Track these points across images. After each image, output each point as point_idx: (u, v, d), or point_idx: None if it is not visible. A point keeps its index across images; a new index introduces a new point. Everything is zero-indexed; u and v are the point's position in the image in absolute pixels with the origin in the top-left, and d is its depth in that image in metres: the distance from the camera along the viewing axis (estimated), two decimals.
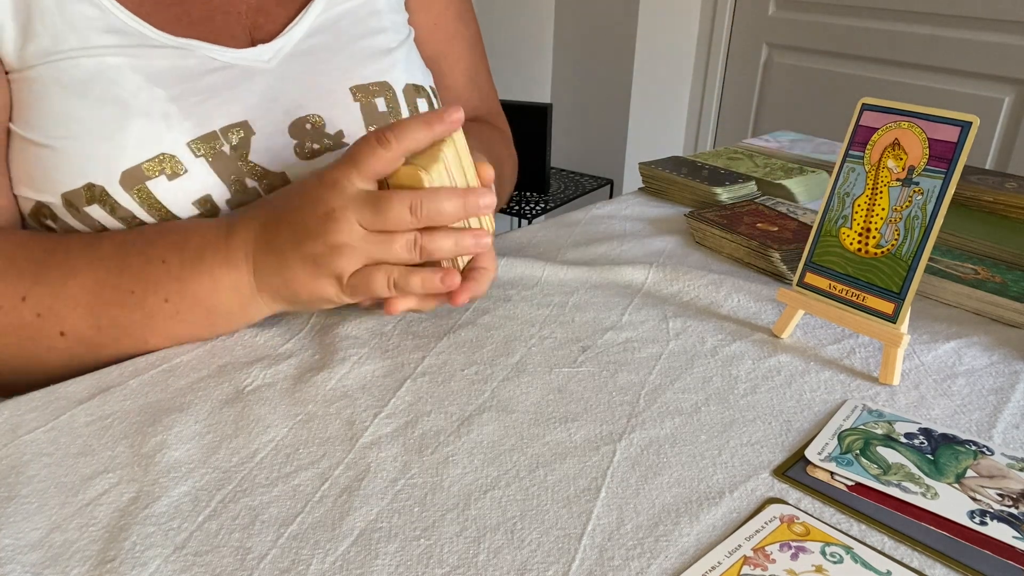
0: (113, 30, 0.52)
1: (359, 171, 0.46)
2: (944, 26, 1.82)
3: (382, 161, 0.46)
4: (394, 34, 0.66)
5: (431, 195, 0.46)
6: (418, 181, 0.47)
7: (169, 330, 0.50)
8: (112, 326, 0.49)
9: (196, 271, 0.49)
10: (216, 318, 0.51)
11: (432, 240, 0.47)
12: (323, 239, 0.46)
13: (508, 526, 0.36)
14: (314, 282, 0.48)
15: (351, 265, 0.47)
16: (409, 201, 0.46)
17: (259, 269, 0.49)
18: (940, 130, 0.47)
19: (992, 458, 0.41)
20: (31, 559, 0.34)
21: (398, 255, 0.47)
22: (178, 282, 0.49)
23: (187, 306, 0.49)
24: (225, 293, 0.49)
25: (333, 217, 0.46)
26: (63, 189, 0.51)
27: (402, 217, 0.46)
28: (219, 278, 0.49)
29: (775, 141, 1.02)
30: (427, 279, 0.47)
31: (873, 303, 0.49)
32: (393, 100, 0.63)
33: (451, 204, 0.46)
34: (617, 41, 2.33)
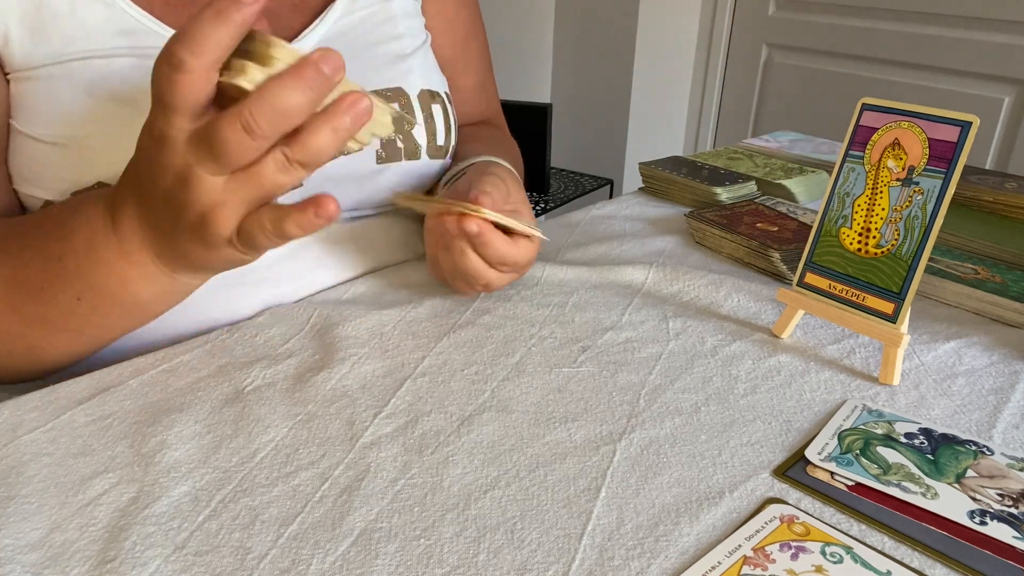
0: (126, 31, 0.52)
1: (172, 111, 0.37)
2: (944, 26, 1.82)
3: (185, 88, 0.35)
4: (410, 40, 0.66)
5: (259, 99, 0.35)
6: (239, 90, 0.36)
7: (97, 322, 0.47)
8: (37, 322, 0.46)
9: (94, 267, 0.44)
10: (144, 304, 0.46)
11: (303, 146, 0.37)
12: (189, 207, 0.39)
13: (508, 526, 0.36)
14: (211, 251, 0.41)
15: (231, 223, 0.39)
16: (239, 121, 0.35)
17: (160, 254, 0.44)
18: (940, 130, 0.47)
19: (992, 458, 0.41)
20: (31, 559, 0.34)
21: (278, 184, 0.38)
22: (80, 279, 0.44)
23: (103, 301, 0.45)
24: (139, 284, 0.45)
25: (183, 179, 0.38)
26: (73, 188, 0.51)
27: (242, 144, 0.36)
28: (122, 271, 0.44)
29: (775, 141, 1.02)
30: (302, 219, 0.38)
31: (873, 303, 0.49)
32: (408, 106, 0.63)
33: (292, 92, 0.35)
34: (617, 41, 2.33)
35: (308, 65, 0.35)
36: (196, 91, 0.36)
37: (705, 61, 2.33)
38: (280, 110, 0.35)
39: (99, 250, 0.44)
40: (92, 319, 0.47)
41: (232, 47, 0.36)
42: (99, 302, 0.45)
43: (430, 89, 0.65)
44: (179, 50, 0.35)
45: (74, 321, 0.46)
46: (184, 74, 0.35)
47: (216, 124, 0.36)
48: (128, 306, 0.46)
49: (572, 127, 2.57)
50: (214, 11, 0.34)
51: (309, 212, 0.38)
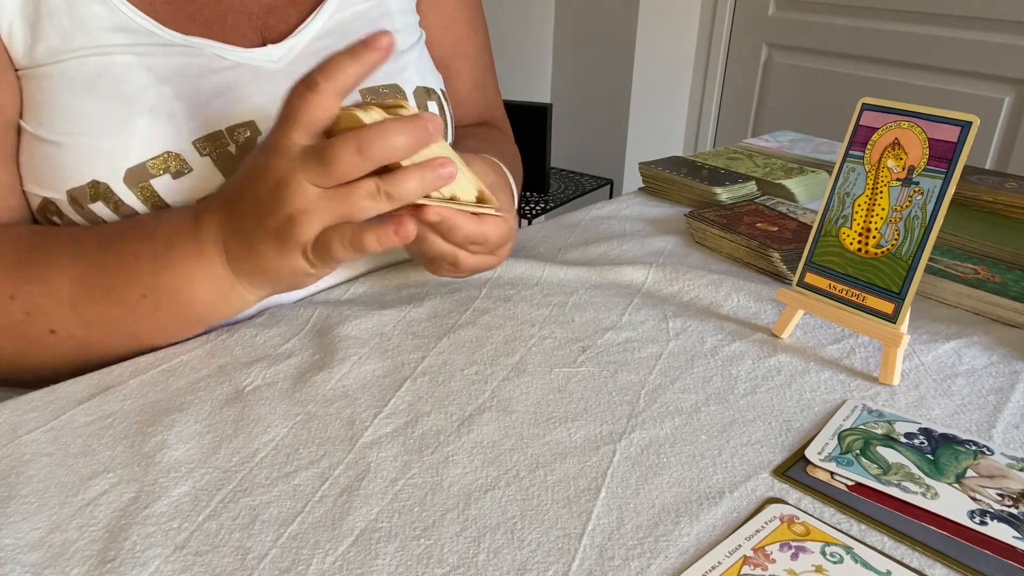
0: (122, 29, 0.52)
1: (296, 125, 0.43)
2: (944, 26, 1.82)
3: (315, 107, 0.43)
4: (406, 36, 0.66)
5: (376, 131, 0.42)
6: (356, 120, 0.43)
7: (156, 324, 0.49)
8: (98, 322, 0.48)
9: (168, 264, 0.47)
10: (201, 310, 0.49)
11: (396, 183, 0.43)
12: (280, 210, 0.43)
13: (508, 526, 0.36)
14: (283, 258, 0.45)
15: (312, 230, 0.44)
16: (355, 142, 0.41)
17: (231, 256, 0.47)
18: (940, 130, 0.47)
19: (992, 458, 0.41)
20: (31, 559, 0.34)
21: (363, 208, 0.43)
22: (152, 276, 0.47)
23: (166, 300, 0.48)
24: (203, 285, 0.48)
25: (283, 183, 0.43)
26: (68, 186, 0.51)
27: (352, 161, 0.42)
28: (193, 270, 0.47)
29: (775, 141, 1.02)
30: (381, 234, 0.43)
31: (873, 303, 0.49)
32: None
33: (399, 135, 0.42)
34: (617, 41, 2.33)
35: (418, 118, 0.43)
36: (319, 110, 0.43)
37: (705, 61, 2.33)
38: (388, 144, 0.42)
39: (177, 248, 0.47)
40: (150, 320, 0.49)
41: (359, 81, 0.43)
42: (162, 301, 0.48)
43: (426, 86, 0.65)
44: (317, 74, 0.42)
45: (133, 321, 0.48)
46: (316, 94, 0.42)
47: (336, 141, 0.42)
48: (187, 308, 0.49)
49: (572, 127, 2.57)
50: (349, 50, 0.43)
51: (390, 229, 0.43)
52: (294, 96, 0.43)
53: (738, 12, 2.23)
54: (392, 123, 0.42)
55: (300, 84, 0.43)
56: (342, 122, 0.44)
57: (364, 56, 0.43)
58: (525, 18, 2.47)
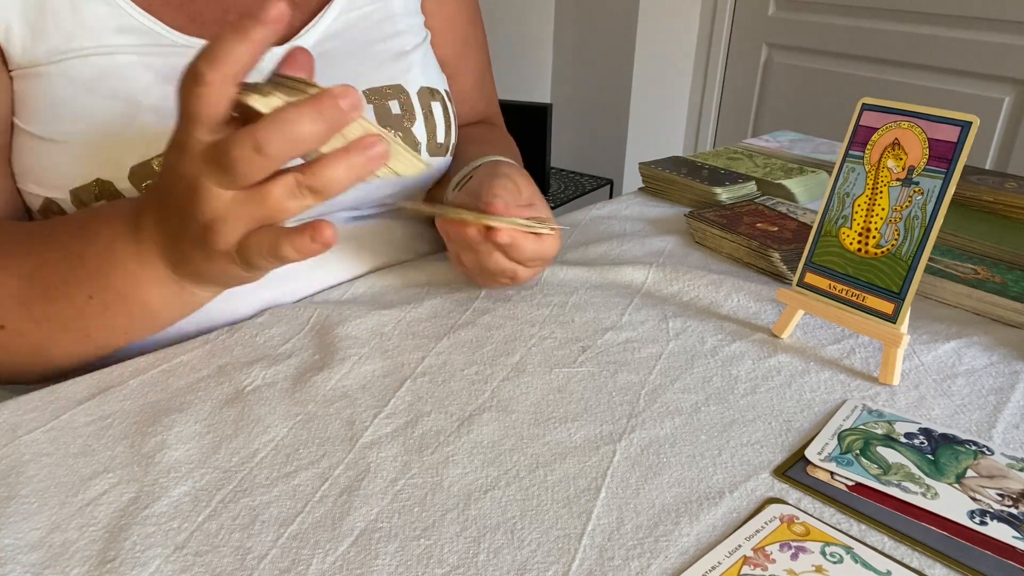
0: (126, 29, 0.52)
1: (192, 121, 0.38)
2: (944, 26, 1.82)
3: (204, 101, 0.37)
4: (410, 37, 0.66)
5: (274, 121, 0.36)
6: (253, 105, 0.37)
7: (106, 324, 0.47)
8: (47, 320, 0.47)
9: (111, 267, 0.45)
10: (154, 310, 0.47)
11: (316, 175, 0.38)
12: (195, 217, 0.39)
13: (508, 526, 0.36)
14: (211, 263, 0.42)
15: (233, 237, 0.40)
16: (250, 139, 0.36)
17: (169, 259, 0.44)
18: (940, 130, 0.47)
19: (992, 458, 0.41)
20: (31, 559, 0.34)
21: (285, 208, 0.39)
22: (96, 278, 0.45)
23: (113, 302, 0.46)
24: (148, 287, 0.45)
25: (192, 189, 0.39)
26: (72, 185, 0.51)
27: (251, 162, 0.36)
28: (135, 272, 0.45)
29: (775, 141, 1.02)
30: (298, 242, 0.38)
31: (873, 303, 0.49)
32: (407, 103, 0.63)
33: (305, 122, 0.36)
34: (617, 41, 2.33)
35: (326, 97, 0.36)
36: (212, 103, 0.37)
37: (705, 61, 2.33)
38: (292, 135, 0.36)
39: (118, 250, 0.45)
40: (100, 320, 0.47)
41: (251, 64, 0.37)
42: (109, 302, 0.46)
43: (430, 87, 0.65)
44: (199, 63, 0.36)
45: (83, 321, 0.47)
46: (201, 86, 0.36)
47: (228, 140, 0.36)
48: (136, 310, 0.47)
49: (572, 127, 2.57)
50: (234, 28, 0.36)
51: (306, 236, 0.38)
52: (183, 89, 0.38)
53: (738, 12, 2.23)
54: (293, 109, 0.36)
55: (186, 76, 0.37)
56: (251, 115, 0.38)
57: (252, 33, 0.36)
58: (525, 18, 2.47)
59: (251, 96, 0.37)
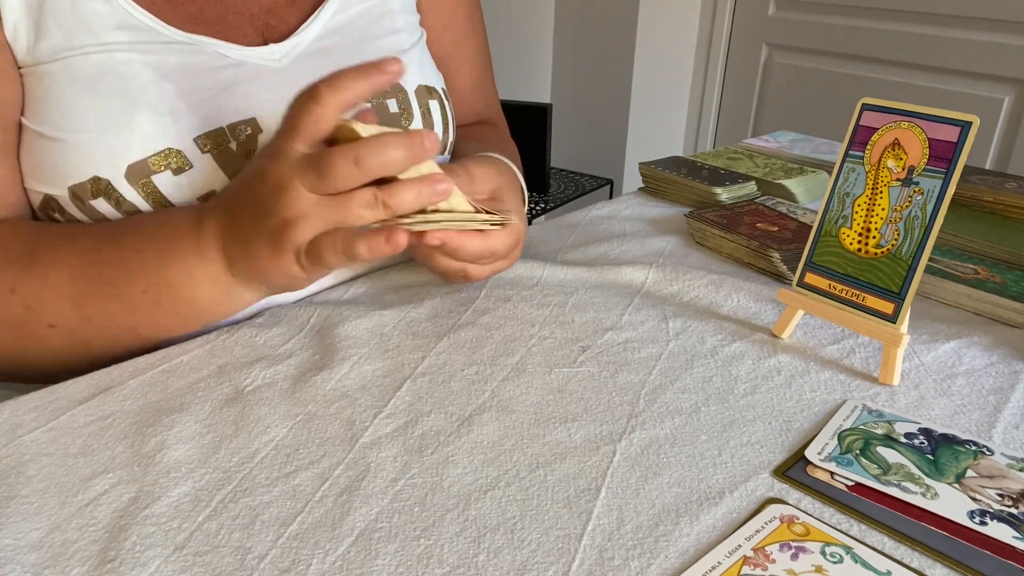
0: (125, 27, 0.52)
1: (297, 133, 0.44)
2: (944, 26, 1.82)
3: (316, 118, 0.44)
4: (408, 35, 0.66)
5: (373, 143, 0.43)
6: (354, 133, 0.44)
7: (155, 321, 0.50)
8: (98, 318, 0.49)
9: (169, 261, 0.48)
10: (200, 308, 0.50)
11: (393, 194, 0.44)
12: (277, 212, 0.44)
13: (508, 526, 0.36)
14: (277, 260, 0.46)
15: (306, 234, 0.45)
16: (352, 154, 0.43)
17: (230, 256, 0.48)
18: (940, 130, 0.47)
19: (992, 458, 0.41)
20: (31, 559, 0.34)
21: (360, 216, 0.44)
22: (153, 273, 0.48)
23: (166, 297, 0.49)
24: (202, 283, 0.49)
25: (281, 187, 0.44)
26: (70, 182, 0.51)
27: (348, 172, 0.43)
28: (192, 268, 0.48)
29: (775, 141, 1.02)
30: (372, 243, 0.44)
31: (873, 303, 0.49)
32: (405, 101, 0.63)
33: (396, 150, 0.43)
34: (617, 41, 2.33)
35: (415, 135, 0.44)
36: (321, 121, 0.44)
37: (705, 61, 2.33)
38: (384, 157, 0.43)
39: (178, 245, 0.48)
40: (150, 316, 0.49)
41: (363, 99, 0.44)
42: (162, 297, 0.48)
43: (427, 85, 0.65)
44: (322, 86, 0.43)
45: (132, 318, 0.49)
46: (318, 105, 0.43)
47: (333, 151, 0.43)
48: (184, 307, 0.49)
49: (572, 127, 2.57)
50: (359, 67, 0.44)
51: (381, 238, 0.43)
52: (297, 105, 0.44)
53: (738, 12, 2.23)
54: (389, 137, 0.43)
55: (304, 94, 0.44)
56: (341, 134, 0.45)
57: (372, 76, 0.44)
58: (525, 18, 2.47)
59: (355, 123, 0.44)
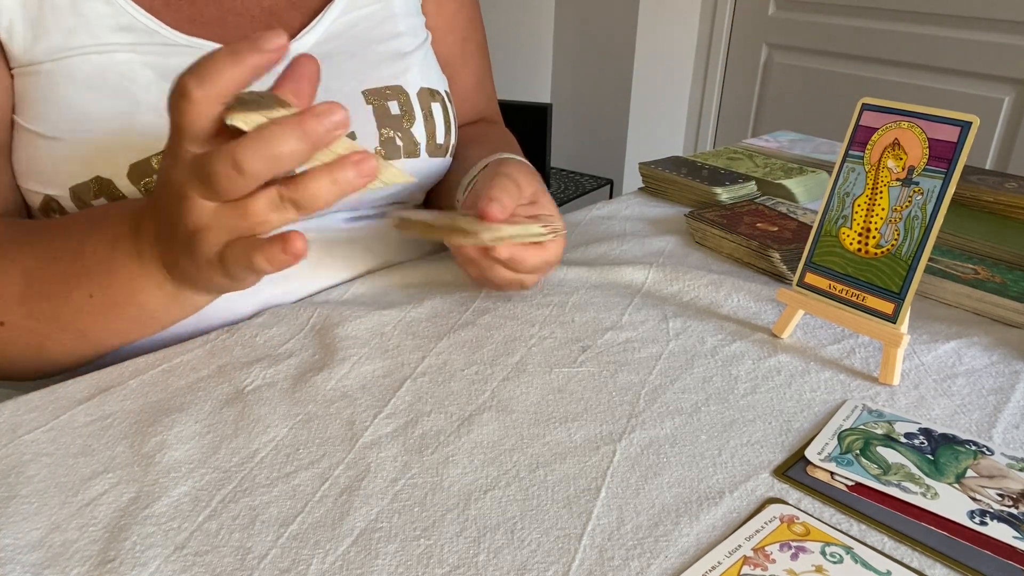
0: (126, 28, 0.52)
1: (181, 133, 0.38)
2: (944, 26, 1.82)
3: (191, 115, 0.37)
4: (411, 38, 0.66)
5: (253, 139, 0.36)
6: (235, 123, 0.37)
7: (104, 324, 0.47)
8: (46, 318, 0.47)
9: (112, 267, 0.45)
10: (151, 313, 0.47)
11: (300, 189, 0.38)
12: (182, 224, 0.40)
13: (508, 526, 0.36)
14: (199, 271, 0.42)
15: (215, 247, 0.40)
16: (230, 157, 0.36)
17: (164, 262, 0.45)
18: (940, 130, 0.47)
19: (992, 458, 0.41)
20: (31, 559, 0.34)
21: (267, 221, 0.39)
22: (98, 277, 0.46)
23: (112, 302, 0.46)
24: (146, 288, 0.46)
25: (180, 197, 0.39)
26: (71, 182, 0.51)
27: (231, 179, 0.36)
28: (135, 273, 0.45)
29: (775, 141, 1.02)
30: (269, 253, 0.38)
31: (873, 303, 0.49)
32: (406, 103, 0.63)
33: (286, 141, 0.36)
34: (617, 41, 2.33)
35: (309, 115, 0.36)
36: (198, 119, 0.37)
37: (705, 61, 2.32)
38: (272, 153, 0.36)
39: (119, 251, 0.45)
40: (98, 320, 0.47)
41: (241, 86, 0.37)
42: (109, 303, 0.46)
43: (430, 87, 0.65)
44: (187, 79, 0.36)
45: (82, 320, 0.47)
46: (187, 102, 0.36)
47: (210, 156, 0.37)
48: (135, 311, 0.47)
49: (572, 127, 2.57)
50: (229, 50, 0.36)
51: (276, 247, 0.38)
52: (170, 101, 0.38)
53: (738, 12, 2.23)
54: (275, 127, 0.36)
55: (174, 89, 0.37)
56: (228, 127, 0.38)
57: (246, 57, 0.36)
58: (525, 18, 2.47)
59: (234, 116, 0.37)
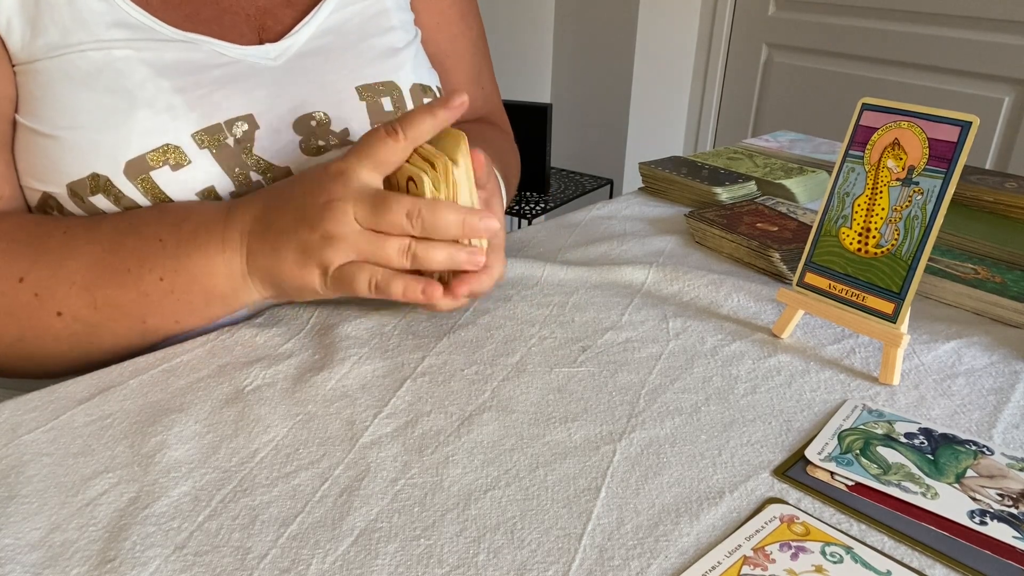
0: (122, 24, 0.52)
1: (368, 160, 0.47)
2: (944, 26, 1.82)
3: (391, 151, 0.47)
4: (403, 33, 0.66)
5: (433, 206, 0.46)
6: (420, 184, 0.47)
7: (165, 309, 0.50)
8: (108, 305, 0.49)
9: (191, 250, 0.49)
10: (212, 299, 0.51)
11: (426, 249, 0.47)
12: (318, 228, 0.46)
13: (508, 526, 0.36)
14: (301, 270, 0.48)
15: (340, 258, 0.47)
16: (408, 207, 0.46)
17: (252, 251, 0.49)
18: (940, 130, 0.47)
19: (992, 458, 0.41)
20: (31, 559, 0.34)
21: (389, 257, 0.47)
22: (173, 260, 0.49)
23: (182, 285, 0.49)
24: (219, 274, 0.50)
25: (331, 207, 0.46)
26: (68, 179, 0.51)
27: (398, 222, 0.46)
28: (213, 257, 0.49)
29: (775, 141, 1.02)
30: (409, 287, 0.47)
31: (873, 303, 0.49)
32: (400, 100, 0.63)
33: (451, 220, 0.46)
34: (617, 41, 2.33)
35: (477, 216, 0.47)
36: (393, 153, 0.47)
37: (705, 61, 2.32)
38: (437, 222, 0.46)
39: (201, 236, 0.49)
40: (161, 305, 0.49)
41: (431, 135, 0.48)
42: (177, 285, 0.49)
43: (422, 83, 0.66)
44: (400, 123, 0.47)
45: (146, 304, 0.49)
46: (396, 140, 0.47)
47: (396, 198, 0.46)
48: (199, 296, 0.50)
49: (572, 127, 2.57)
50: (428, 107, 0.47)
51: (419, 287, 0.47)
52: (375, 136, 0.47)
53: (738, 12, 2.23)
54: (450, 206, 0.46)
55: (383, 128, 0.47)
56: (407, 173, 0.48)
57: (439, 114, 0.47)
58: (525, 18, 2.47)
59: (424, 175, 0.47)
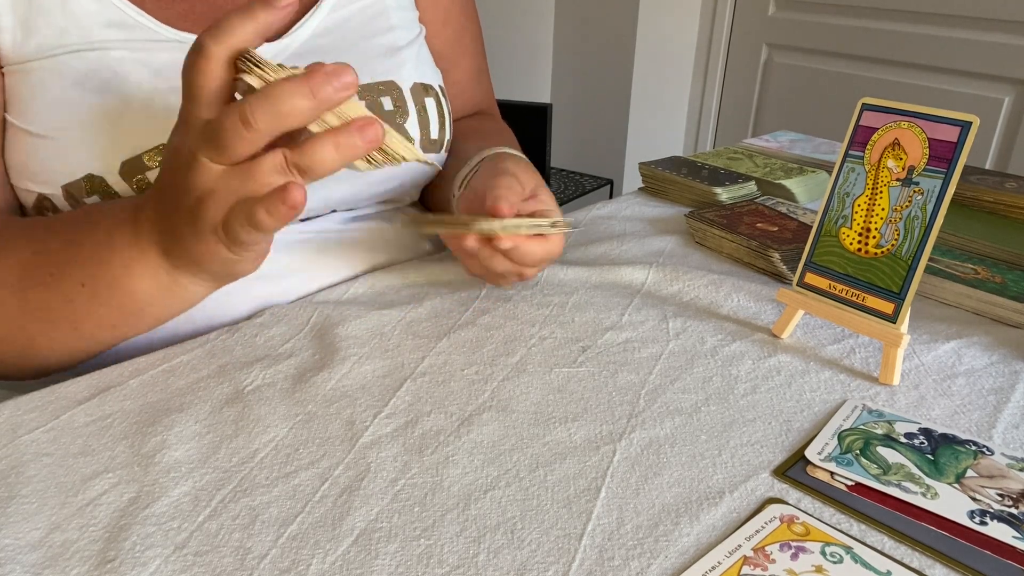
0: (116, 24, 0.52)
1: (192, 98, 0.39)
2: (944, 26, 1.82)
3: (205, 75, 0.38)
4: (404, 32, 0.66)
5: (261, 96, 0.37)
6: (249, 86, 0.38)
7: (95, 315, 0.47)
8: (38, 309, 0.47)
9: (107, 253, 0.46)
10: (141, 301, 0.47)
11: (305, 153, 0.38)
12: (189, 191, 0.40)
13: (508, 526, 0.36)
14: (199, 242, 0.42)
15: (219, 211, 0.40)
16: (238, 114, 0.37)
17: (163, 245, 0.45)
18: (940, 130, 0.47)
19: (992, 458, 0.41)
20: (31, 559, 0.34)
21: (270, 183, 0.39)
22: (92, 264, 0.46)
23: (103, 290, 0.46)
24: (142, 275, 0.46)
25: (189, 164, 0.40)
26: (63, 181, 0.51)
27: (238, 135, 0.37)
28: (129, 259, 0.45)
29: (775, 141, 1.02)
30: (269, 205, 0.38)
31: (873, 303, 0.49)
32: (400, 99, 0.63)
33: (293, 98, 0.36)
34: (617, 41, 2.33)
35: (317, 73, 0.37)
36: (212, 78, 0.38)
37: (705, 61, 2.32)
38: (279, 110, 0.36)
39: (115, 237, 0.46)
40: (89, 310, 0.47)
41: (253, 43, 0.38)
42: (100, 289, 0.46)
43: (423, 82, 0.65)
44: (204, 37, 0.38)
45: (73, 311, 0.47)
46: (203, 59, 0.38)
47: (222, 111, 0.38)
48: (126, 300, 0.47)
49: (572, 127, 2.57)
50: (243, 8, 0.38)
51: (276, 199, 0.38)
52: (185, 65, 0.39)
53: (738, 12, 2.23)
54: (284, 84, 0.36)
55: (191, 50, 0.38)
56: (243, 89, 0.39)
57: (259, 15, 0.38)
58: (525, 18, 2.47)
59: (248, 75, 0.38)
